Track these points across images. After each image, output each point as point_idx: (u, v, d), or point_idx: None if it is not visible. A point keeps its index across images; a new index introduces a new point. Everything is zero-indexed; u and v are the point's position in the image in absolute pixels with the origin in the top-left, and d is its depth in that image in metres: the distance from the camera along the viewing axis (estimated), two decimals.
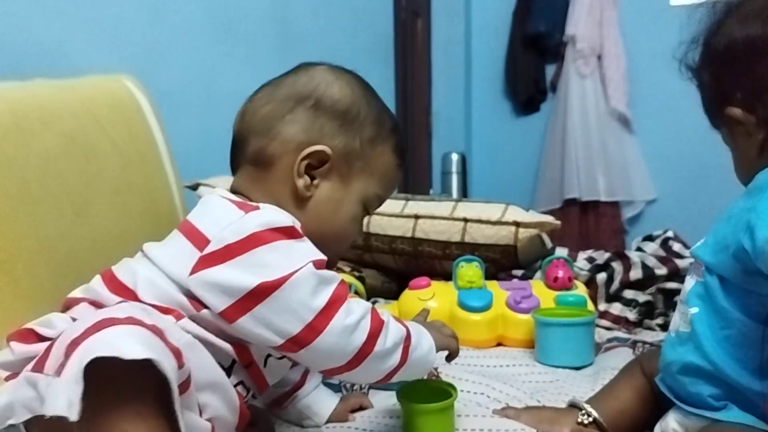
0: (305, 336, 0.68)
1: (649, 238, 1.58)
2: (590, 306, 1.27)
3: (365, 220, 1.54)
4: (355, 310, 0.71)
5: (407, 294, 1.32)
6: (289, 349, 0.70)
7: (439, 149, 3.24)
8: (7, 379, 0.69)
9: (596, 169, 3.31)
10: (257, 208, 0.73)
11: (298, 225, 0.74)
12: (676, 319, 0.81)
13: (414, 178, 3.13)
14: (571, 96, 3.37)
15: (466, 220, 1.46)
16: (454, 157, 3.09)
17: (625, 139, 3.35)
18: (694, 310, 0.77)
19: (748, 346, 0.71)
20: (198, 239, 0.72)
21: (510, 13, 3.56)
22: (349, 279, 1.47)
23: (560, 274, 1.31)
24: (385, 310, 0.76)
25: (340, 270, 1.53)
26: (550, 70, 3.52)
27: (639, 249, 1.56)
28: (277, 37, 2.03)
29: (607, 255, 1.51)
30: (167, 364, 0.57)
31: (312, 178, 0.79)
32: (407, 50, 3.10)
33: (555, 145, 3.41)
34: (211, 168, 1.57)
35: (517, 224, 1.43)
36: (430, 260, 1.51)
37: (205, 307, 0.70)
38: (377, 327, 0.72)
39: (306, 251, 0.72)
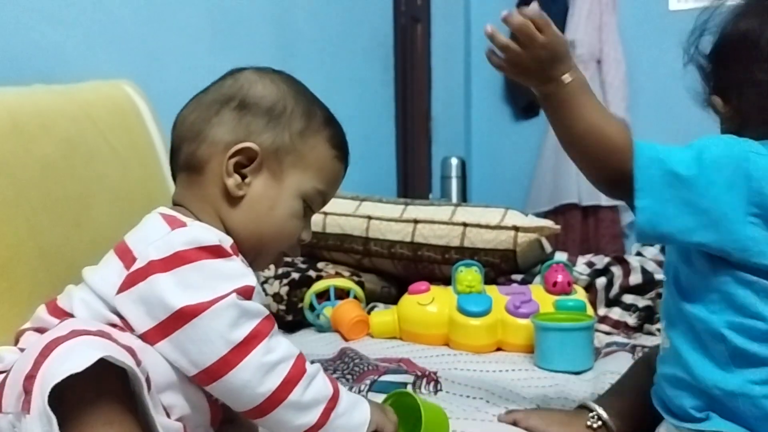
0: (217, 369, 0.66)
1: (649, 243, 1.58)
2: (590, 311, 1.27)
3: (365, 224, 1.55)
4: (277, 350, 0.69)
5: (406, 299, 1.32)
6: (201, 381, 0.68)
7: (439, 153, 3.24)
8: None
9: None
10: (184, 224, 0.73)
11: (227, 243, 0.73)
12: (662, 334, 0.82)
13: (413, 182, 3.13)
14: None
15: (465, 225, 1.47)
16: (454, 161, 3.09)
17: None
18: (663, 324, 0.81)
19: (714, 342, 0.72)
20: (127, 257, 0.71)
21: None
22: (348, 284, 1.47)
23: (559, 278, 1.31)
24: (318, 364, 0.73)
25: (338, 275, 1.53)
26: None
27: (639, 254, 1.56)
28: (277, 41, 2.03)
29: (606, 259, 1.52)
30: (125, 359, 0.58)
31: (243, 177, 0.78)
32: (407, 55, 3.10)
33: (551, 149, 3.41)
34: None
35: (516, 229, 1.44)
36: (429, 265, 1.51)
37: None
38: (297, 374, 0.69)
39: (232, 275, 0.70)
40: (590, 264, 1.53)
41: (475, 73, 3.70)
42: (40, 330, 0.72)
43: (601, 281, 1.45)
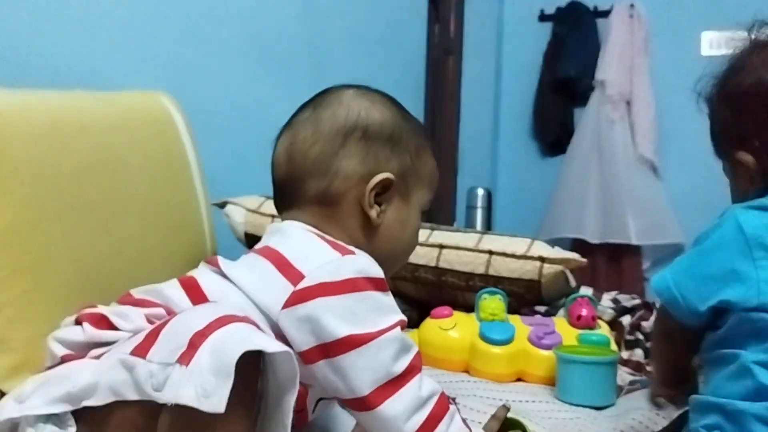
0: (374, 398, 0.68)
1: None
2: (613, 346, 1.25)
3: None
4: (426, 385, 0.72)
5: (428, 322, 1.31)
6: (353, 407, 0.70)
7: (464, 184, 3.24)
8: (63, 358, 0.70)
9: (623, 212, 3.29)
10: (353, 252, 0.75)
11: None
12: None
13: (438, 210, 3.13)
14: (597, 140, 3.37)
15: (491, 253, 1.46)
16: (480, 192, 3.09)
17: (652, 185, 3.34)
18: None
19: (743, 378, 0.71)
20: (290, 272, 0.72)
21: (541, 54, 3.59)
22: None
23: (584, 312, 1.30)
24: (454, 406, 0.76)
25: None
26: (578, 114, 3.53)
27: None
28: (310, 64, 2.06)
29: (635, 302, 1.50)
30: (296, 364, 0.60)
31: (379, 205, 0.81)
32: (437, 86, 3.13)
33: (571, 184, 3.40)
34: (239, 187, 1.58)
35: (542, 259, 1.42)
36: (452, 291, 1.50)
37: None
38: (441, 411, 0.72)
39: (393, 309, 0.73)
40: (616, 301, 1.51)
41: (504, 108, 3.72)
42: (167, 309, 0.71)
43: (626, 320, 1.43)
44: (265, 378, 0.63)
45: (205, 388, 0.55)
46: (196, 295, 0.73)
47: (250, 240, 1.52)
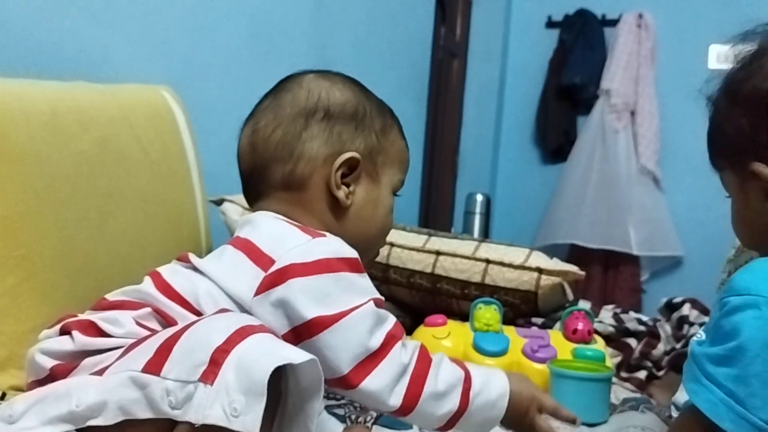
0: (354, 377, 0.68)
1: (671, 307, 1.55)
2: (608, 362, 1.24)
3: (386, 251, 1.54)
4: (407, 350, 0.71)
5: (422, 330, 1.30)
6: (337, 386, 0.69)
7: (463, 189, 3.23)
8: (53, 370, 0.68)
9: (624, 221, 3.29)
10: (324, 235, 0.73)
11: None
12: None
13: (435, 214, 3.12)
14: (599, 148, 3.36)
15: (488, 262, 1.45)
16: (479, 197, 3.08)
17: (653, 196, 3.33)
18: None
19: None
20: (261, 259, 0.71)
21: (546, 61, 3.58)
22: None
23: (580, 326, 1.28)
24: (442, 353, 0.75)
25: None
26: (581, 122, 3.52)
27: (657, 320, 1.54)
28: (316, 63, 2.03)
29: (639, 327, 1.47)
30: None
31: (347, 186, 0.79)
32: (441, 89, 3.12)
33: (571, 191, 3.40)
34: (237, 185, 1.57)
35: (540, 271, 1.41)
36: (447, 299, 1.49)
37: None
38: (424, 366, 0.71)
39: (369, 289, 0.72)
40: (618, 319, 1.49)
41: (507, 113, 3.71)
42: (159, 312, 0.70)
43: (632, 342, 1.42)
44: (285, 382, 0.61)
45: (235, 407, 0.55)
46: (169, 293, 0.71)
47: None
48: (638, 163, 3.30)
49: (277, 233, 0.74)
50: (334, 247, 0.72)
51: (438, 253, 1.50)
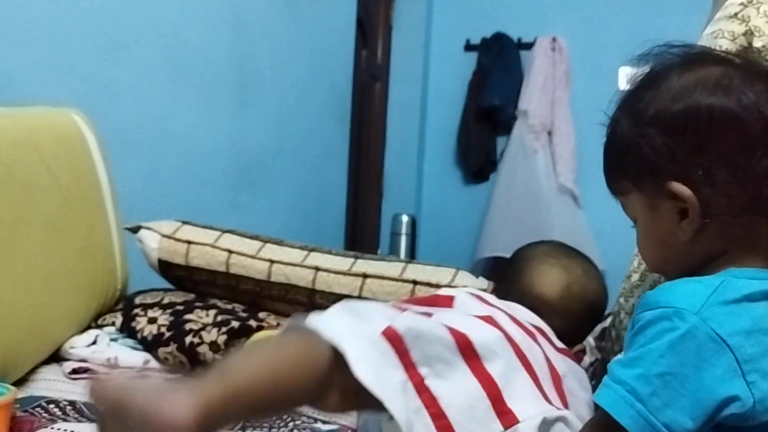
0: None
1: None
2: None
3: (312, 275, 1.51)
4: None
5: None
6: None
7: (388, 210, 3.24)
8: None
9: (548, 237, 3.35)
10: None
11: None
12: None
13: (362, 236, 3.11)
14: (520, 168, 3.44)
15: (415, 283, 1.44)
16: (405, 218, 3.09)
17: (573, 213, 3.42)
18: None
19: None
20: None
21: (466, 83, 3.64)
22: None
23: None
24: None
25: (280, 326, 1.47)
26: (501, 142, 3.59)
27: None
28: (234, 85, 2.01)
29: None
30: None
31: None
32: (364, 111, 3.13)
33: (499, 208, 3.45)
34: (155, 211, 1.51)
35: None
36: None
37: None
38: None
39: None
40: None
41: (429, 135, 3.75)
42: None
43: None
44: None
45: None
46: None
47: (164, 267, 1.45)
48: (557, 181, 3.39)
49: None
50: None
51: (365, 275, 1.47)
